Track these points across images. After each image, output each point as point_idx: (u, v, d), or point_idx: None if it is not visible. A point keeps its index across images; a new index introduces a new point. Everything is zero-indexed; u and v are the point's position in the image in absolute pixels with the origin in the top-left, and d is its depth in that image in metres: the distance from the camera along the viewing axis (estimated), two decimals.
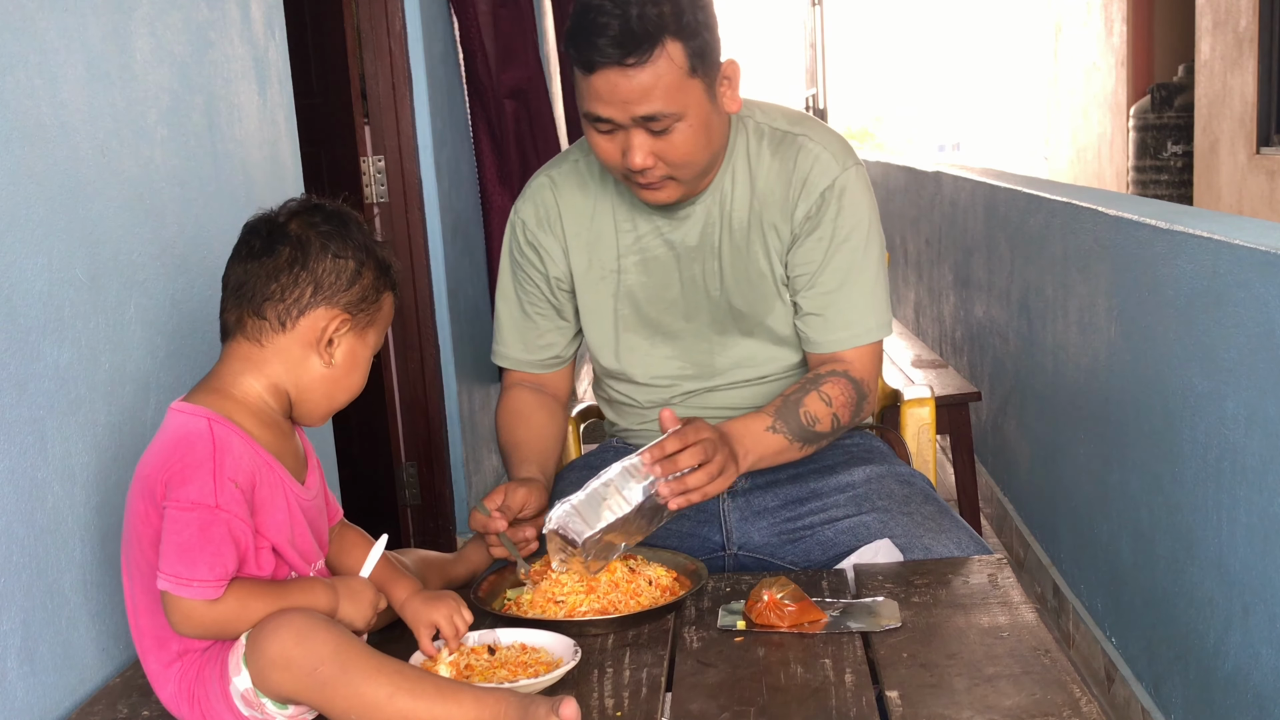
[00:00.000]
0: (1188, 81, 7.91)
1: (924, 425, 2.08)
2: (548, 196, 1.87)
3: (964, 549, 1.71)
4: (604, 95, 1.61)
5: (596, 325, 1.88)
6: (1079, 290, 2.85)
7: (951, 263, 4.68)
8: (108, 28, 1.63)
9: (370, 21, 3.44)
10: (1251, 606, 1.93)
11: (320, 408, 1.43)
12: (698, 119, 1.64)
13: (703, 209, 1.80)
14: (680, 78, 1.60)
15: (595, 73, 1.60)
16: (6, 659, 1.35)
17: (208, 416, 1.32)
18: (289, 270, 1.36)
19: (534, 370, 1.94)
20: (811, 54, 9.89)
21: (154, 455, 1.32)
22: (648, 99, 1.60)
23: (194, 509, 1.27)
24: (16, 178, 1.40)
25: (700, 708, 1.31)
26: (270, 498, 1.35)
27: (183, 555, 1.26)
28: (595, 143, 1.68)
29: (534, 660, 1.40)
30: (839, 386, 1.77)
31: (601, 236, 1.85)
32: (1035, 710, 1.26)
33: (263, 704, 1.29)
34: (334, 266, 1.37)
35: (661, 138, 1.63)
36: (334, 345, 1.39)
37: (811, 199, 1.78)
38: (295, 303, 1.36)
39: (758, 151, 1.80)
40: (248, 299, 1.37)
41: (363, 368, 1.44)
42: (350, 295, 1.38)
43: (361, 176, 3.46)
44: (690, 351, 1.86)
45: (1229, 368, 2.00)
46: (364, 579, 1.44)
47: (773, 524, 1.81)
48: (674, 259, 1.82)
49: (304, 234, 1.37)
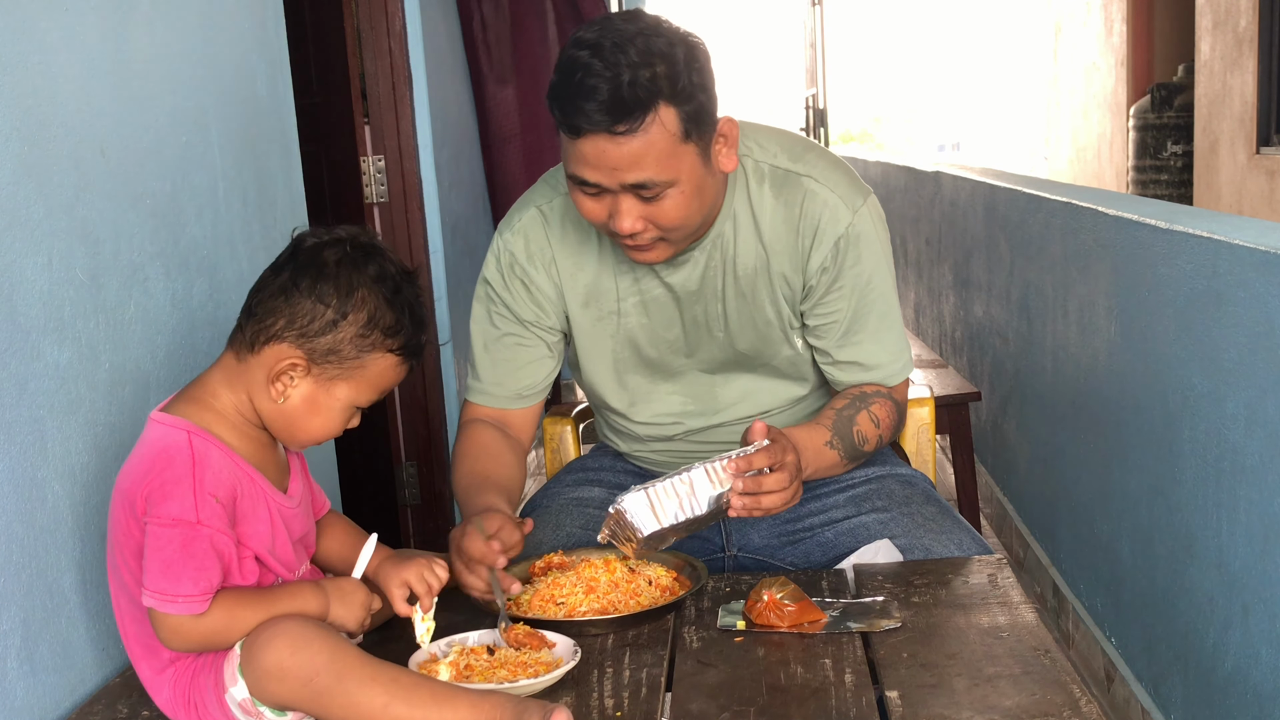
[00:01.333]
0: (1188, 81, 7.91)
1: (924, 425, 2.08)
2: (539, 232, 1.77)
3: (964, 549, 1.71)
4: (591, 161, 1.51)
5: (598, 365, 1.82)
6: (1079, 290, 2.85)
7: (951, 263, 4.68)
8: (108, 28, 1.63)
9: (370, 21, 3.44)
10: (1251, 606, 1.93)
11: (284, 437, 1.39)
12: (690, 184, 1.55)
13: (703, 254, 1.72)
14: (673, 144, 1.50)
15: (582, 137, 1.49)
16: (6, 659, 1.35)
17: (187, 429, 1.31)
18: (277, 295, 1.33)
19: (504, 405, 1.83)
20: (811, 54, 9.88)
21: (133, 467, 1.31)
22: (638, 167, 1.50)
23: (175, 525, 1.26)
24: (16, 178, 1.40)
25: (700, 708, 1.31)
26: (251, 509, 1.35)
27: (166, 572, 1.26)
28: (580, 203, 1.58)
29: (534, 660, 1.40)
30: (885, 409, 1.76)
31: (599, 277, 1.76)
32: (1035, 710, 1.26)
33: (261, 712, 1.29)
34: (311, 309, 1.32)
35: (651, 203, 1.54)
36: (286, 384, 1.34)
37: (824, 250, 1.70)
38: (267, 329, 1.33)
39: (759, 195, 1.71)
40: (247, 309, 1.36)
41: (326, 415, 1.37)
42: (317, 343, 1.33)
43: (361, 176, 3.46)
44: (692, 387, 1.82)
45: (1229, 368, 2.00)
46: (355, 580, 1.43)
47: (772, 525, 1.81)
48: (674, 301, 1.75)
49: (309, 264, 1.33)
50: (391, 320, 1.35)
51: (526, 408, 1.85)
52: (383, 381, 1.38)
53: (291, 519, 1.42)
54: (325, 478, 2.40)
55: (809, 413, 1.85)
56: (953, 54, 27.27)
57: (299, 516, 1.44)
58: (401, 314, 1.36)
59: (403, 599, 1.43)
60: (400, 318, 1.36)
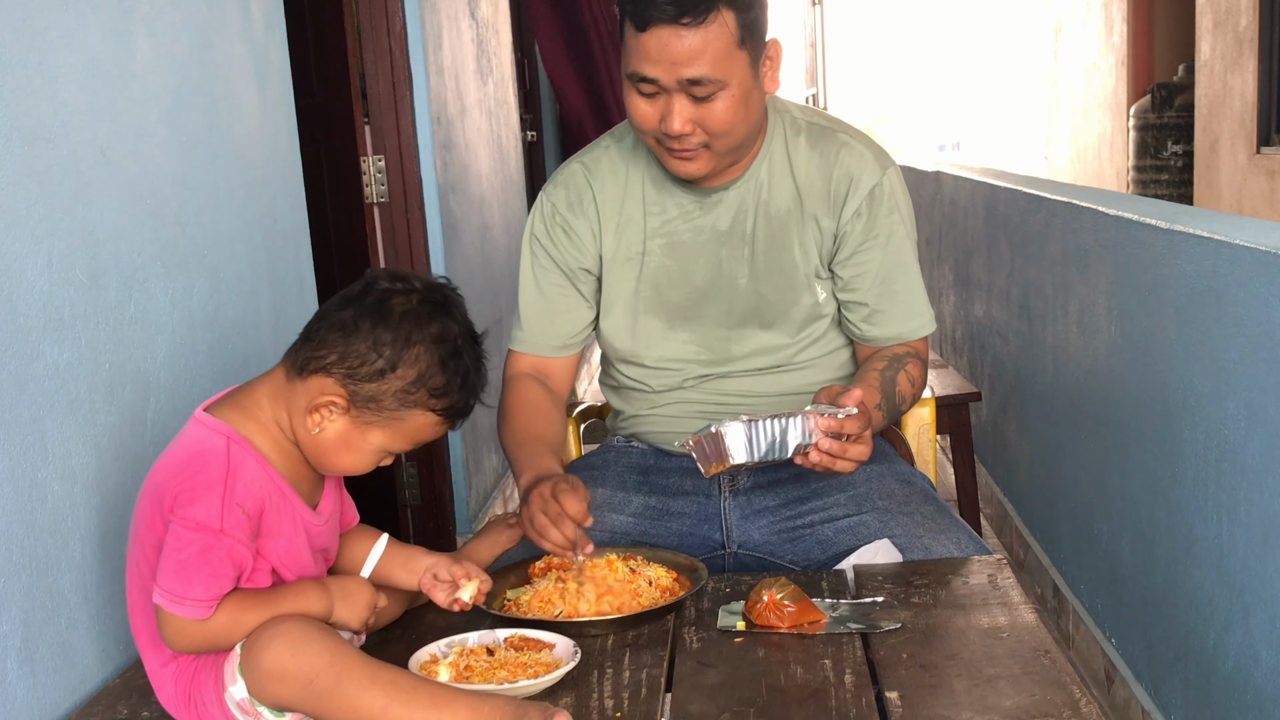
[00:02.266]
0: (1188, 81, 7.91)
1: (924, 425, 2.08)
2: (580, 180, 1.88)
3: (964, 549, 1.71)
4: (653, 54, 1.61)
5: (616, 306, 1.88)
6: (1079, 290, 2.85)
7: (951, 263, 4.68)
8: (108, 28, 1.63)
9: (370, 21, 3.44)
10: (1251, 606, 1.93)
11: (314, 463, 1.40)
12: (740, 90, 1.65)
13: (736, 195, 1.81)
14: (730, 45, 1.62)
15: (648, 30, 1.60)
16: (6, 659, 1.35)
17: (228, 435, 1.32)
18: (336, 329, 1.33)
19: (546, 354, 1.92)
20: (811, 54, 9.89)
21: (168, 464, 1.32)
22: (697, 62, 1.61)
23: (198, 530, 1.27)
24: (17, 178, 1.40)
25: (700, 708, 1.31)
26: (277, 524, 1.35)
27: (180, 573, 1.26)
28: (634, 105, 1.68)
29: (534, 661, 1.40)
30: (917, 368, 1.83)
31: (631, 219, 1.85)
32: (1035, 710, 1.26)
33: (260, 712, 1.29)
34: (364, 353, 1.32)
35: (703, 105, 1.64)
36: (323, 417, 1.35)
37: (859, 197, 1.79)
38: (319, 359, 1.34)
39: (795, 143, 1.82)
40: (307, 333, 1.36)
41: (357, 454, 1.37)
42: (361, 387, 1.33)
43: (361, 176, 3.46)
44: (707, 338, 1.86)
45: (1229, 368, 2.00)
46: (362, 579, 1.43)
47: (773, 523, 1.81)
48: (700, 245, 1.83)
49: (375, 308, 1.33)
50: (441, 383, 1.35)
51: (566, 358, 1.94)
52: (419, 436, 1.39)
53: (317, 535, 1.42)
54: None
55: (826, 374, 1.89)
56: (953, 54, 27.26)
57: (325, 533, 1.44)
58: (453, 378, 1.35)
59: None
60: (450, 381, 1.35)
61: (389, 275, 1.37)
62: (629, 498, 1.86)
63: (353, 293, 1.36)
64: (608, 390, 2.02)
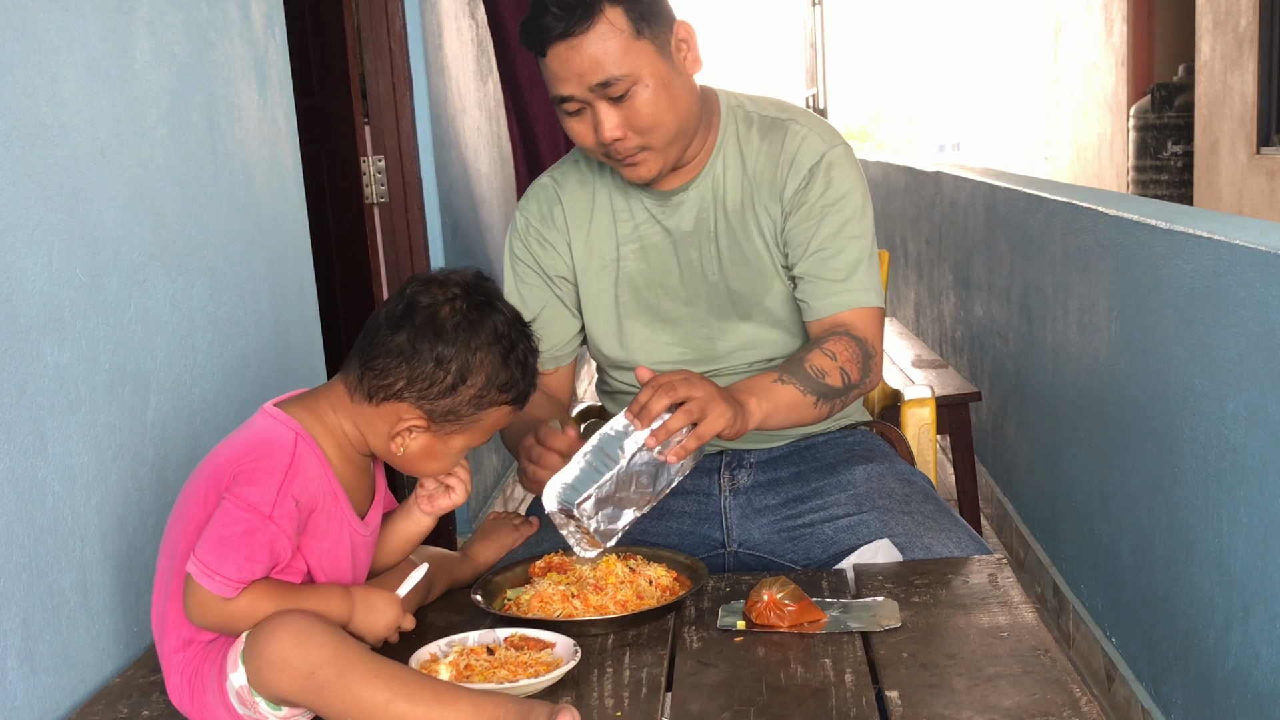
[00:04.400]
0: (1188, 81, 7.91)
1: (924, 425, 2.08)
2: (550, 194, 1.91)
3: (964, 549, 1.71)
4: (560, 73, 1.66)
5: (599, 315, 1.90)
6: (1079, 290, 2.85)
7: (951, 263, 4.68)
8: (108, 28, 1.63)
9: (370, 21, 3.44)
10: (1251, 606, 1.93)
11: (402, 470, 1.45)
12: (654, 79, 1.67)
13: (696, 194, 1.84)
14: (625, 41, 1.65)
15: (548, 52, 1.66)
16: (6, 659, 1.35)
17: (296, 430, 1.35)
18: (396, 355, 1.35)
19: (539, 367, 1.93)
20: (811, 54, 9.89)
21: (232, 446, 1.35)
22: (597, 66, 1.64)
23: (249, 510, 1.28)
24: (16, 178, 1.40)
25: (700, 708, 1.31)
26: (325, 525, 1.37)
27: (219, 547, 1.27)
28: (569, 127, 1.73)
29: (534, 660, 1.40)
30: (842, 343, 1.76)
31: (601, 228, 1.88)
32: (1035, 710, 1.26)
33: (256, 703, 1.29)
34: (432, 374, 1.35)
35: (624, 105, 1.67)
36: (405, 439, 1.39)
37: (800, 175, 1.81)
38: (387, 387, 1.36)
39: (747, 138, 1.85)
40: (360, 353, 1.38)
41: (442, 460, 1.43)
42: (437, 404, 1.36)
43: (361, 176, 3.46)
44: (690, 337, 1.87)
45: (1229, 368, 2.00)
46: (392, 597, 1.43)
47: (773, 522, 1.81)
48: (671, 245, 1.86)
49: (428, 324, 1.35)
50: (507, 378, 1.39)
51: (558, 369, 1.96)
52: (495, 427, 1.44)
53: (360, 546, 1.44)
54: None
55: None
56: (953, 54, 27.27)
57: (367, 545, 1.46)
58: (516, 369, 1.40)
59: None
60: (515, 374, 1.40)
61: (425, 283, 1.39)
62: None
63: (397, 312, 1.37)
64: (604, 396, 2.03)
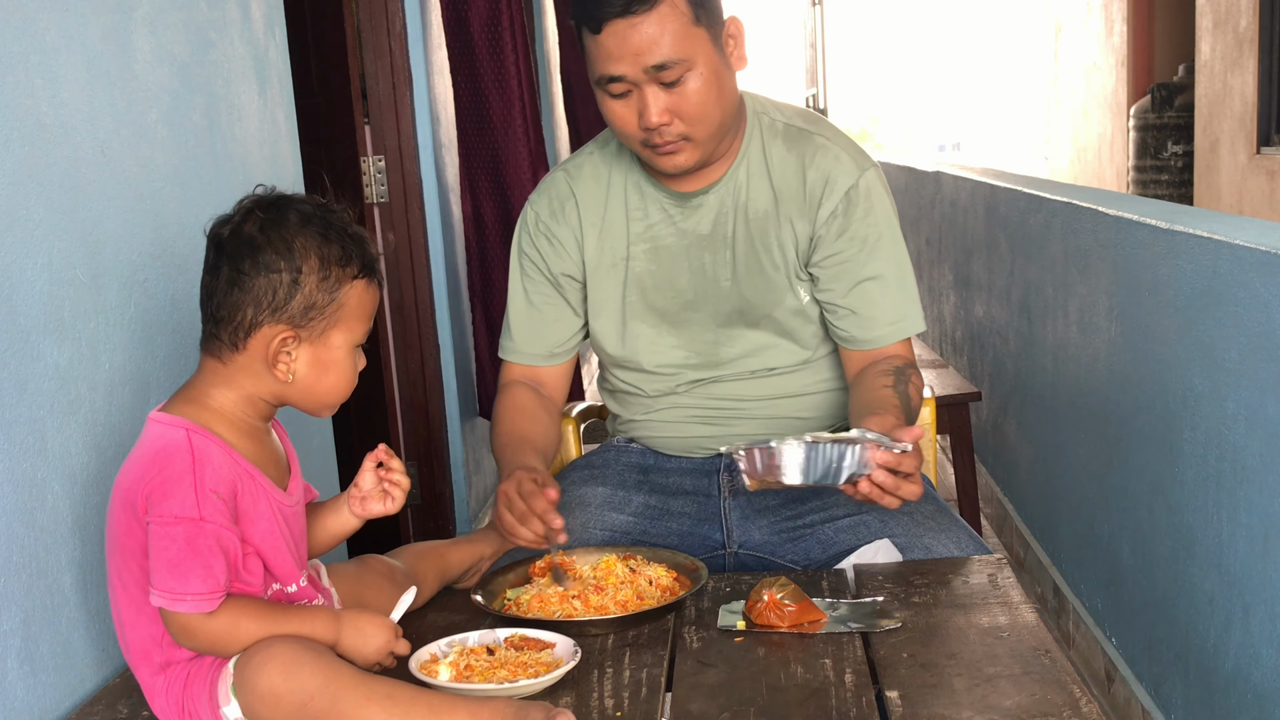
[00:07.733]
0: (1188, 81, 7.91)
1: (924, 425, 2.08)
2: (563, 188, 1.88)
3: (964, 549, 1.71)
4: (613, 51, 1.63)
5: (604, 312, 1.88)
6: (1079, 290, 2.85)
7: (951, 263, 4.68)
8: (108, 28, 1.63)
9: (370, 21, 3.44)
10: (1251, 606, 1.93)
11: (309, 409, 1.41)
12: (708, 69, 1.66)
13: (716, 198, 1.82)
14: (685, 25, 1.63)
15: (603, 29, 1.62)
16: (6, 659, 1.35)
17: (185, 427, 1.31)
18: (228, 291, 1.33)
19: (537, 363, 1.92)
20: (811, 54, 9.89)
21: (133, 467, 1.31)
22: (656, 47, 1.62)
23: (179, 523, 1.26)
24: (16, 178, 1.40)
25: (700, 708, 1.31)
26: (252, 505, 1.34)
27: (174, 570, 1.25)
28: (610, 110, 1.69)
29: (534, 661, 1.40)
30: (919, 381, 1.80)
31: (614, 225, 1.86)
32: (1035, 710, 1.26)
33: None
34: (267, 283, 1.32)
35: (674, 91, 1.65)
36: (287, 360, 1.35)
37: (835, 199, 1.79)
38: (240, 325, 1.33)
39: (772, 146, 1.82)
40: (206, 316, 1.36)
41: (337, 368, 1.38)
42: (291, 309, 1.33)
43: (361, 176, 3.46)
44: (695, 341, 1.86)
45: (1229, 368, 2.00)
46: (385, 621, 1.40)
47: (773, 522, 1.81)
48: (684, 248, 1.83)
49: (238, 248, 1.33)
50: (339, 251, 1.35)
51: (557, 365, 1.95)
52: (364, 309, 1.39)
53: (291, 517, 1.41)
54: (325, 477, 2.40)
55: (815, 377, 1.88)
56: (953, 54, 27.27)
57: (297, 515, 1.43)
58: (343, 241, 1.36)
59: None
60: (344, 245, 1.36)
61: (219, 221, 1.37)
62: (629, 497, 1.87)
63: (210, 258, 1.35)
64: (605, 394, 2.02)
